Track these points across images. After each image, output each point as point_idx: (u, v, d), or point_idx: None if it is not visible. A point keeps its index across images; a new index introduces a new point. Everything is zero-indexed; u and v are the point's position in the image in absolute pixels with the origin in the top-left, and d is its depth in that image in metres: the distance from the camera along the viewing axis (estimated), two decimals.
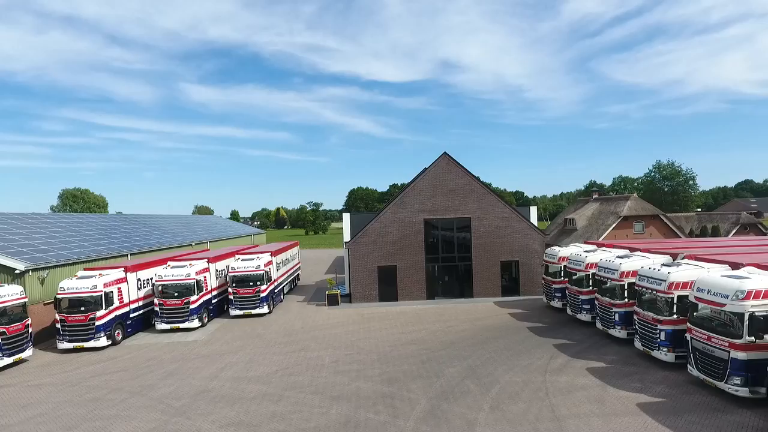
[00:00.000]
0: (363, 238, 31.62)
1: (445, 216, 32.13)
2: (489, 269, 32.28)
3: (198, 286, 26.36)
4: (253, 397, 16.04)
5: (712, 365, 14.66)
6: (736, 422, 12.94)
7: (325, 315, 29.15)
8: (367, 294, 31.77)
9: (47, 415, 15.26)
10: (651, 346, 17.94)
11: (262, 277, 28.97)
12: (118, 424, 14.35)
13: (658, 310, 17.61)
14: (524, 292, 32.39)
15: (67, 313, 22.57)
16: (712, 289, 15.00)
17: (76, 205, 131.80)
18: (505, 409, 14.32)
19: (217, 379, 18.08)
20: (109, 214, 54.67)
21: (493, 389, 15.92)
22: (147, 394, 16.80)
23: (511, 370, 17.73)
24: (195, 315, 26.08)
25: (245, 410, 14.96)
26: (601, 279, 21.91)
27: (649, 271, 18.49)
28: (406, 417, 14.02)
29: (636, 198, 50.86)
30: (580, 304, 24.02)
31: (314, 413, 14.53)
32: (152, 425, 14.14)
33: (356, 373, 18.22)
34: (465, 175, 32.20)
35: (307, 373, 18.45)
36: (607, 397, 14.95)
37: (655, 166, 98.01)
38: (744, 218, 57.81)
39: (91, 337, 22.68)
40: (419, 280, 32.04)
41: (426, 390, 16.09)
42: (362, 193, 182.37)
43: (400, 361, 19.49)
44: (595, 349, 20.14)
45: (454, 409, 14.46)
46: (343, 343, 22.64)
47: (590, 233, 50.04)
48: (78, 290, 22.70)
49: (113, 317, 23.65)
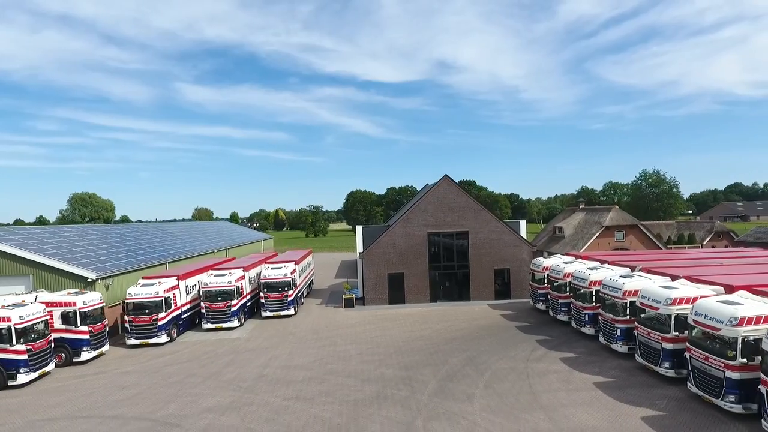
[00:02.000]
0: (375, 249, 36.41)
1: (445, 230, 36.96)
2: (484, 276, 37.14)
3: (237, 292, 31.05)
4: (302, 380, 20.78)
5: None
6: (664, 395, 17.77)
7: (343, 316, 33.90)
8: (378, 297, 36.56)
9: (145, 393, 19.93)
10: (610, 340, 22.82)
11: (289, 284, 33.69)
12: (204, 399, 19.04)
13: (616, 312, 22.48)
14: (514, 295, 37.26)
15: (134, 314, 27.19)
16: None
17: (85, 209, 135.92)
18: (495, 386, 19.13)
19: (269, 367, 22.80)
20: (138, 224, 59.02)
21: (486, 373, 20.73)
22: (217, 378, 21.49)
23: (501, 359, 22.56)
24: (235, 316, 30.76)
25: (298, 389, 19.69)
26: (575, 286, 26.78)
27: (610, 281, 23.37)
28: (421, 392, 18.79)
29: (617, 209, 55.84)
30: (560, 307, 28.90)
31: (352, 391, 19.29)
32: (231, 399, 18.85)
33: (378, 362, 22.99)
34: (463, 195, 37.07)
35: (339, 362, 23.20)
36: (572, 378, 19.80)
37: (642, 174, 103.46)
38: (717, 227, 63.05)
39: (154, 334, 27.33)
40: (424, 285, 36.85)
41: (435, 374, 20.88)
42: (360, 196, 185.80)
43: (412, 353, 24.27)
44: (568, 343, 25.01)
45: (457, 387, 19.26)
46: (364, 339, 27.40)
47: (576, 241, 55.01)
48: (143, 296, 27.33)
49: (171, 318, 28.31)
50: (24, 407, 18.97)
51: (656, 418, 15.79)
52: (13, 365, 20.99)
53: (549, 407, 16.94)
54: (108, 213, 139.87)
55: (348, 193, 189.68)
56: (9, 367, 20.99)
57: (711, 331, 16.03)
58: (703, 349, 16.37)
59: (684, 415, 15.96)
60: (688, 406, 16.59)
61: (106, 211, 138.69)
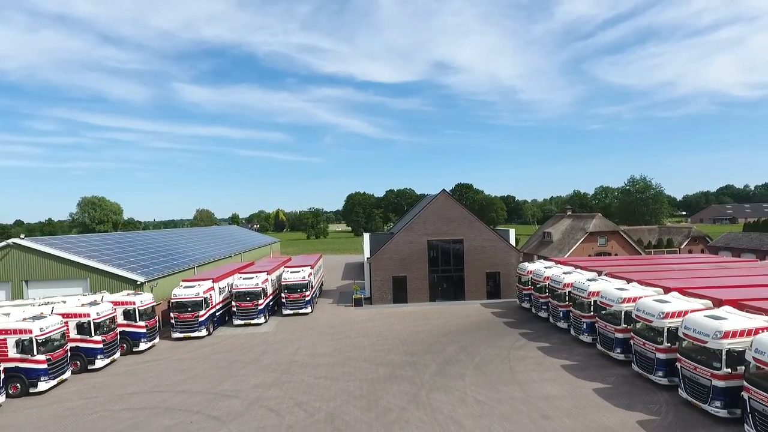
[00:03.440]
0: (381, 255, 41.30)
1: (443, 238, 41.87)
2: (477, 278, 42.06)
3: (263, 293, 35.89)
4: (326, 364, 25.64)
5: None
6: (617, 374, 22.65)
7: (354, 314, 38.79)
8: (384, 297, 41.45)
9: (201, 375, 24.75)
10: (579, 332, 27.77)
11: (307, 285, 38.56)
12: (250, 378, 23.86)
13: (583, 309, 27.42)
14: (504, 296, 42.20)
15: (178, 312, 32.00)
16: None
17: (94, 212, 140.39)
18: (483, 368, 24.03)
19: (297, 354, 27.66)
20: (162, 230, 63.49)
21: (476, 358, 25.64)
22: (256, 363, 26.33)
23: (489, 348, 27.47)
24: (261, 314, 35.59)
25: (325, 371, 24.55)
26: (553, 288, 31.72)
27: (579, 284, 28.32)
28: (423, 373, 23.66)
29: (600, 216, 60.89)
30: (540, 305, 33.83)
31: (369, 372, 24.16)
32: (272, 378, 23.67)
33: (387, 350, 27.86)
34: (459, 207, 42.03)
35: (355, 351, 28.07)
36: (545, 362, 24.72)
37: (630, 180, 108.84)
38: (694, 232, 68.24)
39: (195, 329, 32.15)
40: (424, 286, 41.75)
41: (434, 359, 25.77)
42: (360, 198, 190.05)
43: (415, 343, 29.15)
44: (546, 335, 29.94)
45: (452, 369, 24.14)
46: (374, 332, 32.27)
47: (563, 246, 60.02)
48: (186, 296, 32.12)
49: (208, 315, 33.12)
50: (106, 386, 23.77)
51: (604, 389, 20.71)
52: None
53: (523, 382, 21.86)
54: (116, 216, 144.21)
55: (347, 195, 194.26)
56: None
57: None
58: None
59: (625, 386, 20.88)
60: (630, 381, 21.50)
61: (114, 214, 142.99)
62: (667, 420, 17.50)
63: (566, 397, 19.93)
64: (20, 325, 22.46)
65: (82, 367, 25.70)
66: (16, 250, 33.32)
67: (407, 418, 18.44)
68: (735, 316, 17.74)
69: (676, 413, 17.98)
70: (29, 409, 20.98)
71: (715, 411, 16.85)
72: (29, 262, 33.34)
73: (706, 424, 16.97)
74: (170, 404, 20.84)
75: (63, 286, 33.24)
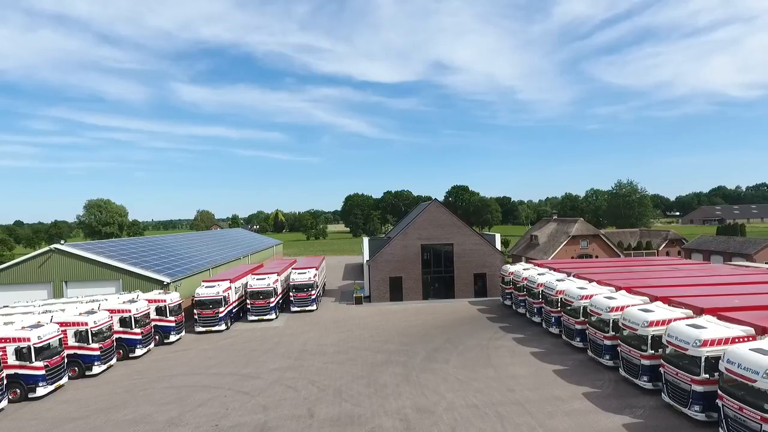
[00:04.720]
0: (380, 257, 45.80)
1: (435, 242, 46.38)
2: (466, 279, 46.59)
3: (274, 292, 40.36)
4: (333, 352, 30.13)
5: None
6: (577, 359, 27.19)
7: (355, 311, 43.29)
8: (382, 296, 45.94)
9: (226, 361, 29.21)
10: (549, 325, 32.33)
11: (312, 285, 43.04)
12: (269, 363, 28.33)
13: (552, 306, 31.97)
14: (490, 294, 46.74)
15: (201, 309, 36.42)
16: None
17: (100, 214, 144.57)
18: (465, 355, 28.55)
19: (307, 344, 32.14)
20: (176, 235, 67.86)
21: (460, 347, 30.17)
22: (272, 351, 30.79)
23: (471, 339, 32.00)
24: (272, 311, 40.06)
25: (332, 357, 29.03)
26: (528, 287, 36.26)
27: (549, 283, 32.88)
28: (415, 359, 28.15)
29: (582, 221, 65.54)
30: (519, 303, 38.39)
31: (369, 357, 28.66)
32: (287, 364, 28.14)
33: (385, 341, 32.37)
34: (450, 215, 46.59)
35: (357, 341, 32.56)
36: (517, 350, 29.26)
37: (617, 184, 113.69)
38: (671, 234, 72.95)
39: (216, 324, 36.58)
40: (417, 286, 46.27)
41: (425, 347, 30.28)
42: (358, 200, 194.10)
43: (408, 335, 33.63)
44: (522, 329, 34.48)
45: (439, 355, 28.65)
46: (373, 326, 36.77)
47: (548, 248, 64.64)
48: (208, 295, 36.56)
49: (227, 312, 37.57)
50: (147, 370, 28.22)
51: (563, 370, 25.27)
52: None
53: (497, 366, 26.40)
54: (121, 218, 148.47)
55: (346, 197, 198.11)
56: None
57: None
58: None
59: (580, 368, 25.43)
60: (586, 364, 26.04)
61: (119, 216, 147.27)
62: (607, 392, 22.04)
63: (530, 376, 24.47)
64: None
65: (124, 356, 30.12)
66: (56, 255, 37.69)
67: (400, 392, 22.95)
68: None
69: (615, 387, 22.53)
70: (88, 388, 25.43)
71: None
72: (68, 265, 37.72)
73: (636, 394, 21.51)
74: (205, 383, 25.32)
75: (98, 286, 37.62)
